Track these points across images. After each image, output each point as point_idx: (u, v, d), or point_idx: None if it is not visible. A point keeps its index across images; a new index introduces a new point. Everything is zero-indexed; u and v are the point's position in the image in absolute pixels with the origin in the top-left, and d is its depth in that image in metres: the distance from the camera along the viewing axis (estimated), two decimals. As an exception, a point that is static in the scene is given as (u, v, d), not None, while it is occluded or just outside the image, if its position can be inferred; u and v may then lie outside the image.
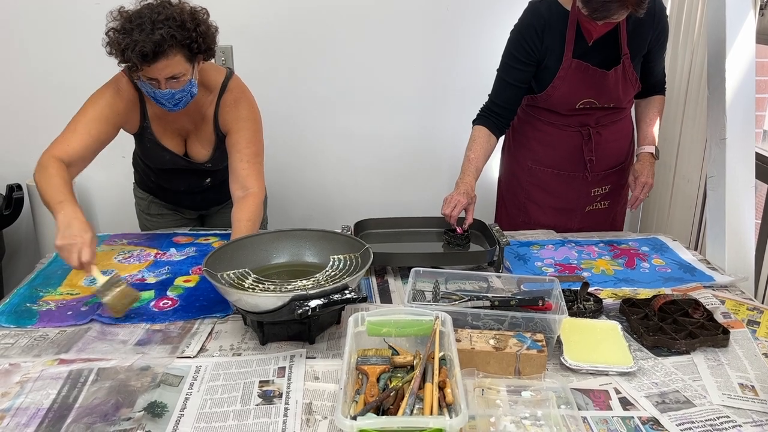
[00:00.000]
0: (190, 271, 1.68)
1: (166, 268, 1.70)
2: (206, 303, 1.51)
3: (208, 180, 1.97)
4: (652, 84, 2.01)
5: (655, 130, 2.02)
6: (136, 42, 1.47)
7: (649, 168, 1.95)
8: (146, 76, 1.56)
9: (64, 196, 1.51)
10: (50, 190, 1.52)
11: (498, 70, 1.95)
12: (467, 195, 1.82)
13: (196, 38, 1.56)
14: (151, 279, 1.64)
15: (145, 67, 1.53)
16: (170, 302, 1.52)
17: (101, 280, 1.45)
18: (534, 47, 1.86)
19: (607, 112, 1.97)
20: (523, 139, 2.09)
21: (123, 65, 1.56)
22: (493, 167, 2.46)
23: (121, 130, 1.76)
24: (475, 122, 1.99)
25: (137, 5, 1.56)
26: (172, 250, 1.81)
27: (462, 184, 1.85)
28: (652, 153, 1.98)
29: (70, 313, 1.47)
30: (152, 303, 1.52)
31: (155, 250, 1.81)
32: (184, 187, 1.99)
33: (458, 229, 1.80)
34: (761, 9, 1.98)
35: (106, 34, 1.54)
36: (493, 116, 1.95)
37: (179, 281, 1.63)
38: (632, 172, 1.98)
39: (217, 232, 1.97)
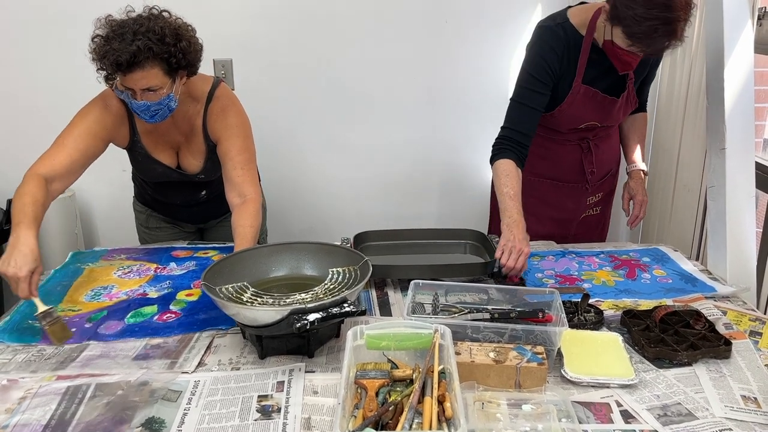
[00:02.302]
0: (192, 285, 1.68)
1: (168, 282, 1.70)
2: (210, 316, 1.51)
3: (203, 193, 1.96)
4: (640, 102, 2.04)
5: (639, 147, 2.06)
6: (114, 51, 1.48)
7: (642, 186, 2.01)
8: (123, 85, 1.56)
9: (23, 218, 1.47)
10: (16, 208, 1.50)
11: (514, 98, 1.85)
12: (527, 242, 1.68)
13: (176, 53, 1.56)
14: (153, 293, 1.63)
15: (120, 76, 1.53)
16: (173, 315, 1.52)
17: (41, 308, 1.41)
18: (555, 70, 1.80)
19: (604, 127, 1.98)
20: None
21: (101, 72, 1.57)
22: (489, 177, 2.45)
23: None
24: (497, 156, 1.82)
25: (125, 15, 1.57)
26: (172, 264, 1.80)
27: (516, 229, 1.68)
28: (644, 170, 2.03)
29: (74, 329, 1.46)
30: (155, 317, 1.51)
31: (155, 265, 1.81)
32: (180, 200, 1.99)
33: (515, 279, 1.67)
34: (759, 19, 1.98)
35: (92, 39, 1.55)
36: (515, 147, 1.81)
37: (181, 295, 1.62)
38: (627, 190, 2.03)
39: (216, 245, 1.97)
